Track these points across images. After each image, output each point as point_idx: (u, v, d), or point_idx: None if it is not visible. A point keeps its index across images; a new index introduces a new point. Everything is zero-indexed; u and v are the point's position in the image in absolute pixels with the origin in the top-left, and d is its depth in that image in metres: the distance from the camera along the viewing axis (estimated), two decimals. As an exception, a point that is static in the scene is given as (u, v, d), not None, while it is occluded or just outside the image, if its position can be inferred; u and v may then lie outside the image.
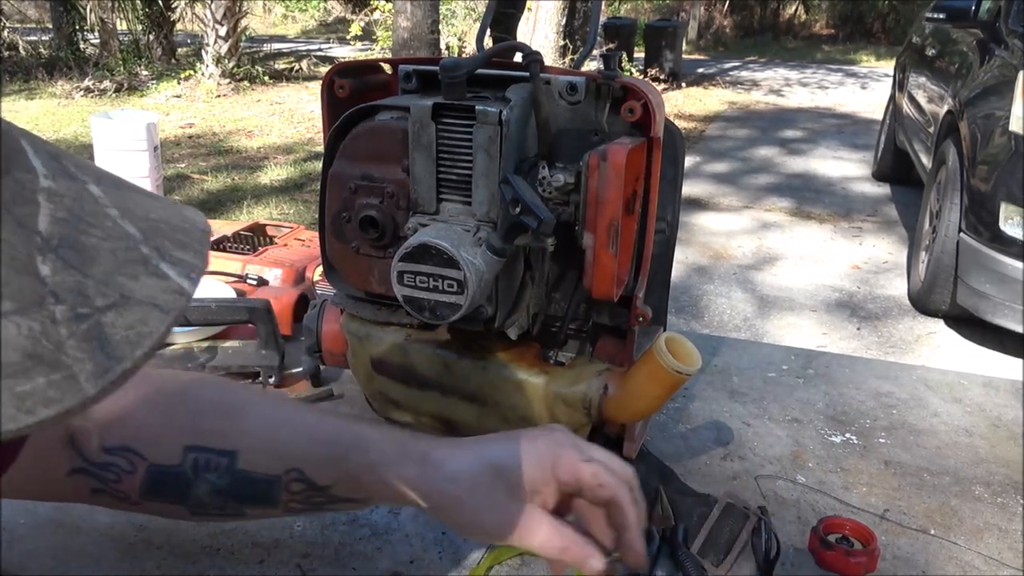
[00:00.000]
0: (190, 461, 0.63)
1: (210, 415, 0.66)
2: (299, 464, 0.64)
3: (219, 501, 0.64)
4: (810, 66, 13.34)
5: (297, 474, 0.64)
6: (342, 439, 0.65)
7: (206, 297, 1.03)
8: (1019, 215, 2.94)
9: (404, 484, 0.61)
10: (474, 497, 0.59)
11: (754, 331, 3.45)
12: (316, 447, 0.65)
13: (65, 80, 8.91)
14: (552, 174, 0.70)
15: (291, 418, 0.67)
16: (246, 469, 0.64)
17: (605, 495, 0.58)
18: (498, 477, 0.59)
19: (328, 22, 18.21)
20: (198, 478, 0.63)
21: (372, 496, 0.64)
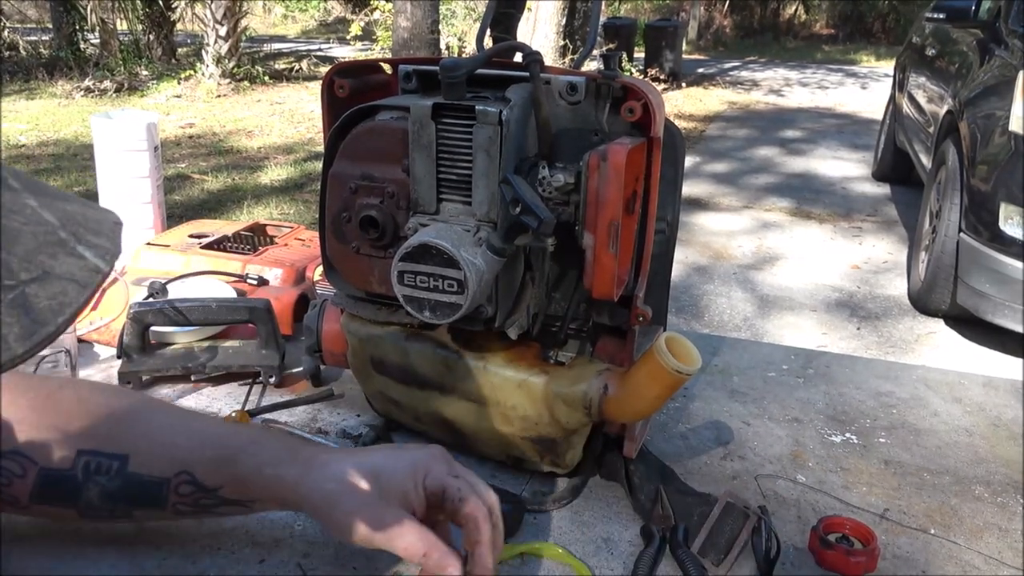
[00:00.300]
0: (81, 464, 0.65)
1: (103, 420, 0.68)
2: (189, 467, 0.66)
3: (109, 504, 0.66)
4: (810, 66, 13.34)
5: (187, 476, 0.66)
6: (232, 442, 0.68)
7: (206, 297, 1.03)
8: (1019, 215, 2.94)
9: (288, 485, 0.64)
10: (350, 498, 0.62)
11: (754, 331, 3.45)
12: (207, 450, 0.67)
13: (65, 80, 8.91)
14: (552, 174, 0.70)
15: (183, 422, 0.70)
16: (137, 472, 0.66)
17: (464, 509, 0.62)
18: (373, 481, 0.63)
19: (328, 22, 18.21)
20: (88, 481, 0.65)
21: (259, 498, 0.67)
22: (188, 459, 0.67)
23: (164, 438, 0.68)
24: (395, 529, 0.60)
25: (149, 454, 0.67)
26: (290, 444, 0.69)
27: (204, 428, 0.70)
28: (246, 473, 0.66)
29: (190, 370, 0.98)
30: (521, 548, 0.73)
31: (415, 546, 0.60)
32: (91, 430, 0.67)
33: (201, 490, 0.67)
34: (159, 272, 1.18)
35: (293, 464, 0.65)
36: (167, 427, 0.70)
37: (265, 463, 0.66)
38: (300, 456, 0.66)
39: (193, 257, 1.21)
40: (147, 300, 1.03)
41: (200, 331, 1.02)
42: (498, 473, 0.85)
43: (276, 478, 0.65)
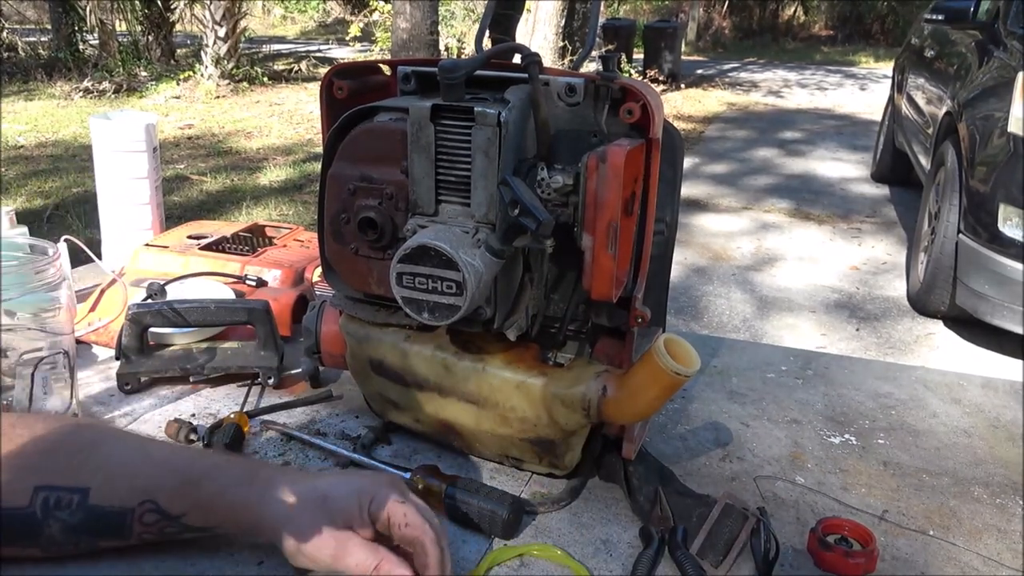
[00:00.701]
0: (40, 500, 0.64)
1: (59, 454, 0.67)
2: (152, 495, 0.66)
3: (72, 537, 0.66)
4: (809, 67, 13.35)
5: (151, 504, 0.66)
6: (195, 468, 0.68)
7: (205, 298, 1.03)
8: (1018, 216, 2.94)
9: (248, 507, 0.66)
10: (301, 520, 0.64)
11: (753, 332, 3.45)
12: (169, 477, 0.67)
13: (64, 81, 8.91)
14: (551, 175, 0.70)
15: (142, 451, 0.70)
16: (99, 504, 0.66)
17: (410, 534, 0.64)
18: (322, 504, 0.65)
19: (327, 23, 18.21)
20: (48, 517, 0.65)
21: (222, 522, 0.67)
22: (150, 487, 0.67)
23: (125, 468, 0.68)
24: (344, 548, 0.63)
25: (110, 485, 0.66)
26: (250, 467, 0.70)
27: (165, 456, 0.70)
28: (209, 497, 0.67)
29: (189, 371, 0.98)
30: (520, 549, 0.73)
31: (365, 561, 0.62)
32: (47, 465, 0.66)
33: (165, 518, 0.67)
34: (157, 273, 1.18)
35: (252, 487, 0.67)
36: (127, 457, 0.69)
37: (227, 486, 0.67)
38: (259, 478, 0.67)
39: (192, 258, 1.21)
40: (145, 301, 1.03)
41: (199, 332, 1.02)
42: (497, 474, 0.85)
43: (238, 500, 0.66)
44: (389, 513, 0.65)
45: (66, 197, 4.82)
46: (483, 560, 0.71)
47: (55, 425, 0.70)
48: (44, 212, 4.51)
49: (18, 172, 5.44)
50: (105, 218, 1.34)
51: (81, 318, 1.10)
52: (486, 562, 0.71)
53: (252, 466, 0.70)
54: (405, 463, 0.85)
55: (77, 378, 0.91)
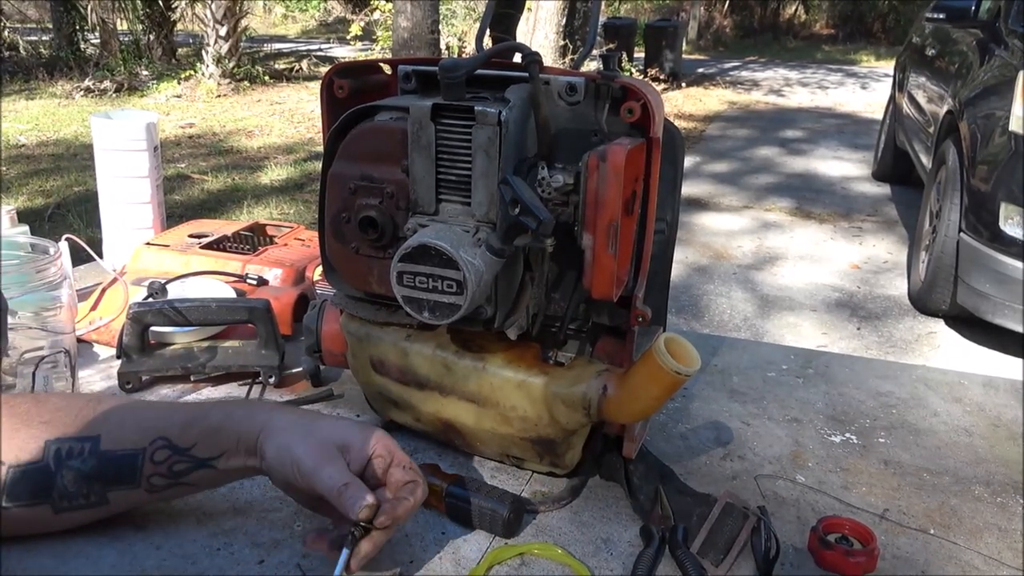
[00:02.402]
0: (52, 452, 0.67)
1: (65, 412, 0.69)
2: (162, 432, 0.69)
3: (84, 487, 0.67)
4: (810, 66, 13.34)
5: (162, 441, 0.68)
6: (202, 406, 0.72)
7: (206, 297, 1.03)
8: (1019, 215, 2.94)
9: (253, 427, 0.68)
10: (293, 431, 0.67)
11: (754, 331, 3.45)
12: (177, 414, 0.71)
13: (65, 80, 8.91)
14: (551, 174, 0.70)
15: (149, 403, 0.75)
16: (110, 448, 0.68)
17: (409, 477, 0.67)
18: (315, 419, 0.69)
19: (328, 22, 18.21)
20: (62, 468, 0.67)
21: (229, 447, 0.69)
22: (160, 426, 0.69)
23: (133, 415, 0.71)
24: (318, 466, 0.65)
25: (120, 430, 0.68)
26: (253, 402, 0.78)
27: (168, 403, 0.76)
28: (217, 423, 0.69)
29: (189, 370, 0.98)
30: (521, 548, 0.73)
31: (337, 478, 0.64)
32: (56, 421, 0.68)
33: (176, 452, 0.68)
34: (158, 272, 1.18)
35: (256, 411, 0.70)
36: (132, 408, 0.72)
37: (232, 411, 0.71)
38: (262, 407, 0.73)
39: (193, 257, 1.21)
40: (146, 300, 1.03)
41: (200, 331, 1.02)
42: (498, 474, 0.85)
43: (244, 421, 0.69)
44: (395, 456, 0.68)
45: (67, 196, 4.82)
46: (483, 559, 0.71)
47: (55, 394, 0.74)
48: (45, 211, 4.51)
49: (19, 171, 5.45)
50: (106, 217, 1.35)
51: (82, 317, 1.10)
52: (486, 561, 0.71)
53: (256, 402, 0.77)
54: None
55: (78, 377, 0.91)
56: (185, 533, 0.72)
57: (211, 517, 0.74)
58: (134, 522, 0.73)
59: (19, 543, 0.69)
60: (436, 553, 0.73)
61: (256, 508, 0.76)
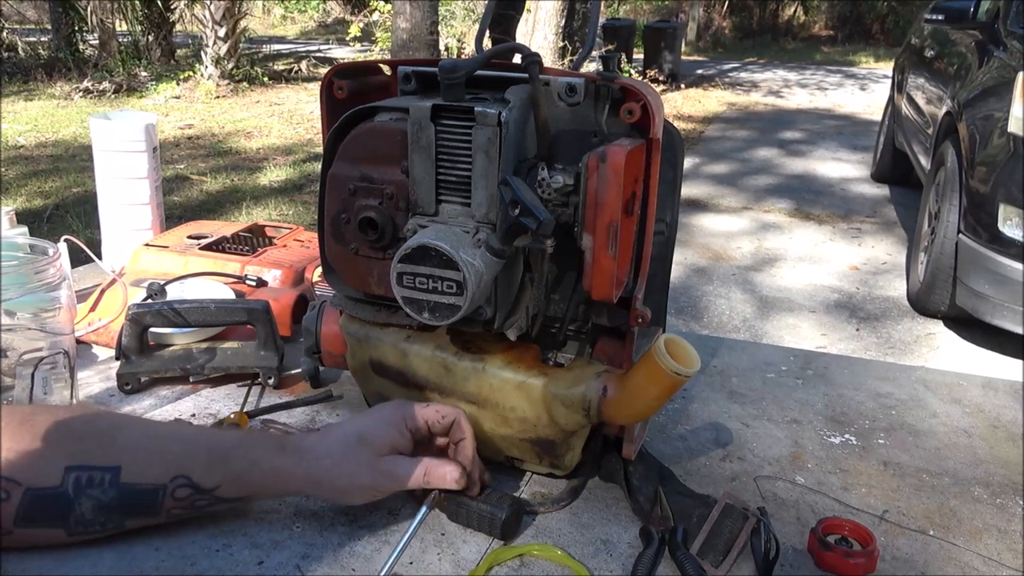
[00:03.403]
0: (72, 480, 0.66)
1: (86, 436, 0.68)
2: (185, 470, 0.68)
3: (101, 516, 0.67)
4: (809, 67, 13.35)
5: (184, 480, 0.68)
6: (223, 443, 0.71)
7: (205, 298, 1.03)
8: (1018, 216, 2.94)
9: (282, 474, 0.70)
10: (347, 464, 0.70)
11: (753, 332, 3.45)
12: (200, 452, 0.70)
13: (64, 81, 8.91)
14: (551, 175, 0.70)
15: (170, 431, 0.73)
16: (131, 481, 0.67)
17: (448, 421, 0.74)
18: (362, 443, 0.71)
19: (327, 23, 18.22)
20: (81, 496, 0.66)
21: (256, 492, 0.72)
22: (183, 463, 0.68)
23: (155, 446, 0.70)
24: (395, 472, 0.71)
25: (143, 463, 0.68)
26: (276, 438, 0.75)
27: (192, 434, 0.73)
28: (241, 470, 0.69)
29: (188, 371, 0.98)
30: (520, 549, 0.73)
31: (416, 473, 0.71)
32: (76, 447, 0.67)
33: (198, 492, 0.68)
34: (157, 273, 1.18)
35: (284, 455, 0.70)
36: (154, 436, 0.71)
37: (259, 458, 0.70)
38: (288, 446, 0.71)
39: (192, 258, 1.21)
40: (145, 301, 1.03)
41: (199, 332, 1.02)
42: (497, 474, 0.85)
43: (273, 471, 0.70)
44: (425, 418, 0.74)
45: (66, 197, 4.82)
46: (483, 560, 0.71)
47: (76, 412, 0.72)
48: (44, 212, 4.51)
49: (18, 172, 5.44)
50: (105, 218, 1.34)
51: (81, 318, 1.10)
52: (486, 562, 0.71)
53: (278, 437, 0.75)
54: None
55: (77, 378, 0.91)
56: (184, 534, 0.72)
57: (210, 518, 0.74)
58: (133, 523, 0.73)
59: (18, 544, 0.69)
60: (436, 553, 0.73)
61: (256, 508, 0.76)
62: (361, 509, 0.77)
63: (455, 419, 0.74)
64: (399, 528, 0.75)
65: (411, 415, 0.73)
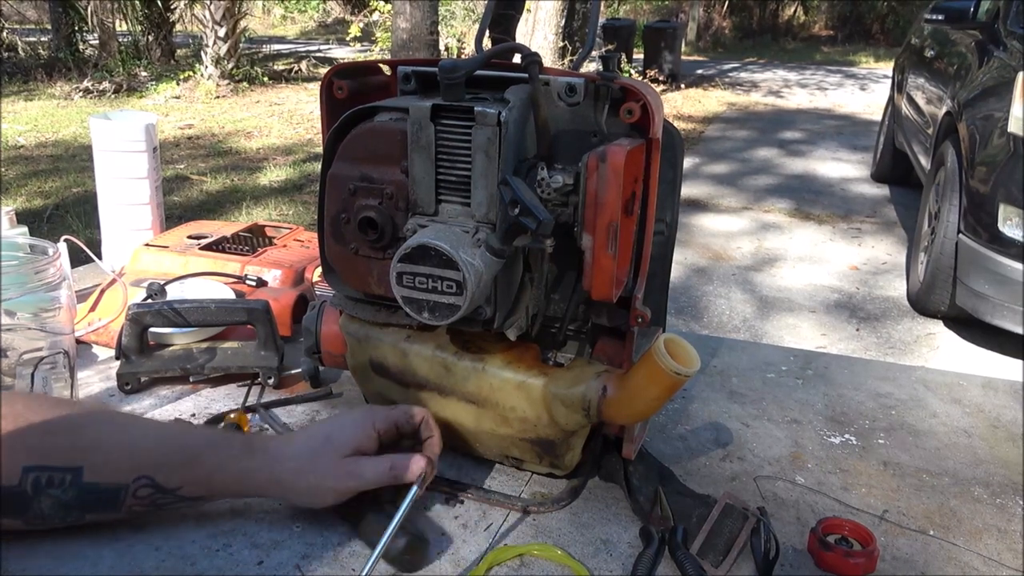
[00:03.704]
0: (31, 480, 0.66)
1: (48, 434, 0.68)
2: (148, 471, 0.68)
3: (61, 513, 0.68)
4: (809, 67, 13.35)
5: (147, 480, 0.68)
6: (190, 444, 0.71)
7: (205, 298, 1.03)
8: (1018, 216, 2.94)
9: (248, 476, 0.71)
10: (313, 466, 0.71)
11: (753, 332, 3.45)
12: (164, 453, 0.70)
13: (64, 81, 8.91)
14: (551, 175, 0.70)
15: (135, 428, 0.73)
16: (93, 481, 0.67)
17: (417, 420, 0.76)
18: (327, 444, 0.72)
19: (327, 23, 18.22)
20: (40, 495, 0.66)
21: (220, 493, 0.72)
22: (145, 463, 0.69)
23: (118, 446, 0.69)
24: (357, 470, 0.71)
25: (104, 464, 0.68)
26: (244, 440, 0.76)
27: (158, 433, 0.73)
28: (208, 472, 0.70)
29: (188, 371, 0.98)
30: (520, 549, 0.73)
31: (379, 469, 0.71)
32: (37, 445, 0.67)
33: (160, 491, 0.69)
34: (157, 273, 1.18)
35: (252, 456, 0.71)
36: (120, 435, 0.71)
37: (227, 460, 0.71)
38: (255, 447, 0.72)
39: (192, 258, 1.21)
40: (146, 301, 1.03)
41: (199, 332, 1.02)
42: (497, 474, 0.85)
43: (238, 473, 0.71)
44: (394, 419, 0.75)
45: (66, 197, 4.82)
46: (483, 560, 0.71)
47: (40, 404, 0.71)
48: (44, 212, 4.51)
49: (18, 172, 5.44)
50: (105, 218, 1.34)
51: (81, 318, 1.10)
52: (486, 562, 0.71)
53: (245, 438, 0.76)
54: (405, 463, 0.85)
55: (77, 378, 0.91)
56: (184, 534, 0.72)
57: (210, 518, 0.74)
58: (133, 523, 0.73)
59: (19, 543, 0.69)
60: (436, 553, 0.73)
61: (255, 509, 0.76)
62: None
63: (423, 418, 0.76)
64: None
65: (380, 416, 0.75)
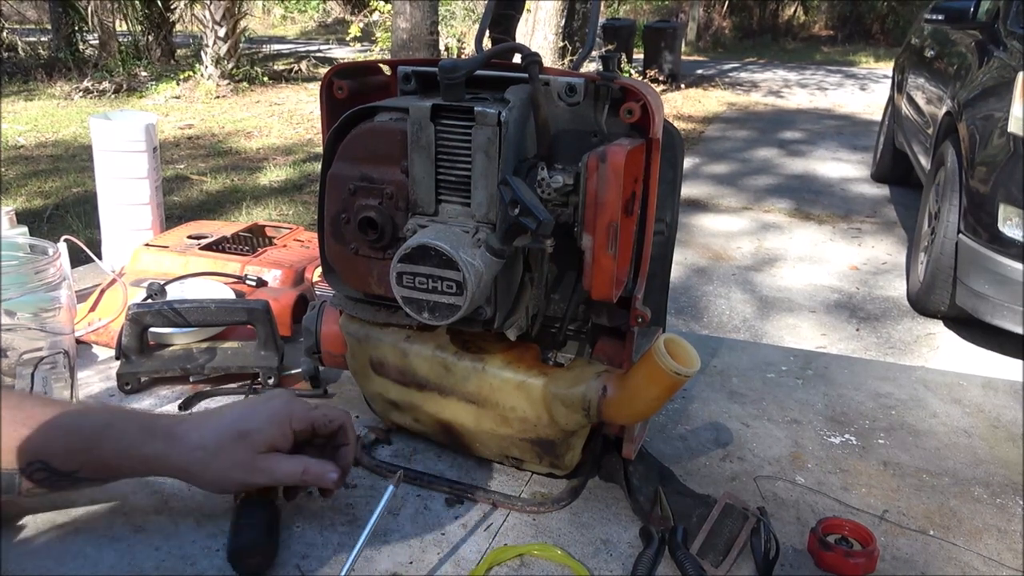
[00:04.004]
0: None
1: None
2: (42, 456, 0.68)
3: None
4: (809, 67, 13.35)
5: (40, 464, 0.68)
6: (86, 427, 0.70)
7: (205, 298, 1.03)
8: (1018, 216, 2.94)
9: (151, 461, 0.69)
10: (219, 460, 0.69)
11: (753, 332, 3.45)
12: (59, 438, 0.69)
13: (64, 81, 8.91)
14: (551, 175, 0.70)
15: (32, 413, 0.70)
16: None
17: (335, 425, 0.74)
18: (240, 438, 0.70)
19: (327, 23, 18.22)
20: None
21: (120, 475, 0.71)
22: (39, 448, 0.68)
23: (10, 431, 0.68)
24: (271, 468, 0.70)
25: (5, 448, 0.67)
26: (145, 422, 0.72)
27: (52, 416, 0.70)
28: (107, 456, 0.69)
29: (188, 371, 0.98)
30: (520, 549, 0.73)
31: (293, 469, 0.70)
32: None
33: (56, 475, 0.68)
34: (157, 273, 1.18)
35: (155, 441, 0.69)
36: (12, 420, 0.69)
37: (127, 446, 0.69)
38: (159, 431, 0.70)
39: (192, 258, 1.21)
40: (146, 301, 1.03)
41: (199, 332, 1.02)
42: (497, 474, 0.85)
43: (141, 458, 0.69)
44: (311, 421, 0.73)
45: (66, 197, 4.82)
46: (483, 560, 0.71)
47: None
48: (44, 212, 4.51)
49: (18, 172, 5.44)
50: (105, 218, 1.34)
51: (81, 318, 1.10)
52: (486, 562, 0.71)
53: (146, 421, 0.73)
54: (405, 463, 0.85)
55: (77, 378, 0.91)
56: (184, 534, 0.72)
57: (210, 518, 0.74)
58: (133, 523, 0.73)
59: (19, 544, 0.69)
60: (436, 553, 0.73)
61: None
62: (361, 509, 0.77)
63: (342, 424, 0.75)
64: (399, 528, 0.75)
65: (298, 416, 0.72)
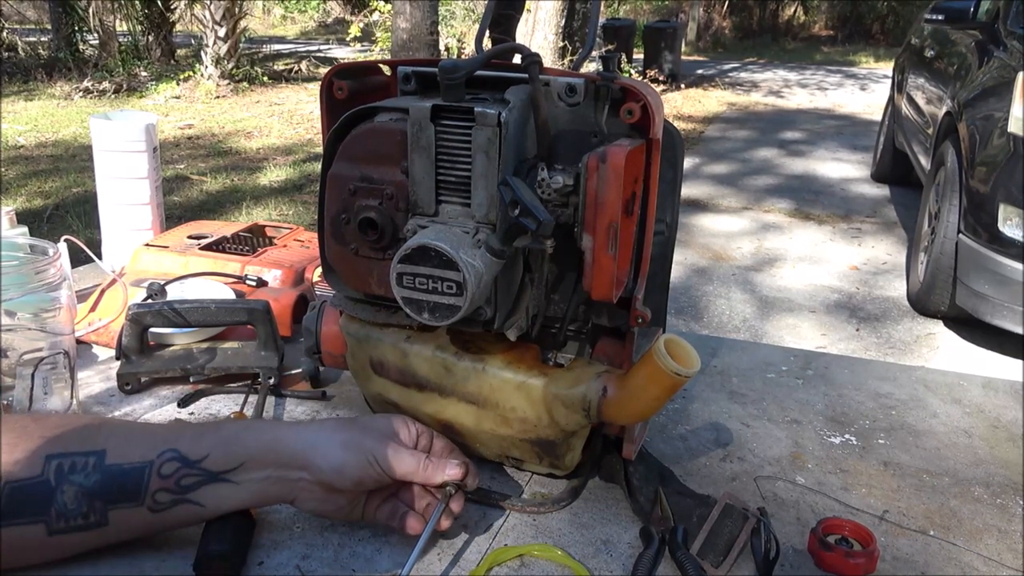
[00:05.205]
0: (53, 467, 0.63)
1: (67, 428, 0.67)
2: (172, 443, 0.66)
3: (84, 504, 0.64)
4: (809, 67, 13.35)
5: (172, 453, 0.66)
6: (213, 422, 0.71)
7: (205, 298, 1.03)
8: (1018, 216, 2.94)
9: (276, 441, 0.67)
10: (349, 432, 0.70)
11: (753, 332, 3.45)
12: (187, 426, 0.69)
13: (64, 81, 8.91)
14: (551, 176, 0.70)
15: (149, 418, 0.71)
16: (116, 462, 0.65)
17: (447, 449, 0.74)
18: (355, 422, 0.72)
19: (327, 23, 18.22)
20: (63, 483, 0.63)
21: (246, 460, 0.67)
22: (170, 437, 0.67)
23: (139, 429, 0.69)
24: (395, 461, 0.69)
25: (127, 443, 0.66)
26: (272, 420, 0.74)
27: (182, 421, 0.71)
28: (231, 435, 0.68)
29: (189, 371, 0.97)
30: (520, 549, 0.73)
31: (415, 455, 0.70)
32: (57, 437, 0.65)
33: (186, 464, 0.66)
34: (158, 273, 1.18)
35: (277, 425, 0.70)
36: (141, 423, 0.70)
37: (248, 425, 0.70)
38: (279, 421, 0.71)
39: (192, 258, 1.21)
40: (146, 301, 1.03)
41: (199, 332, 1.02)
42: (497, 475, 0.85)
43: (263, 436, 0.68)
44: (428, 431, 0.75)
45: (66, 197, 4.82)
46: (483, 560, 0.71)
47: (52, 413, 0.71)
48: (44, 212, 4.51)
49: (18, 172, 5.44)
50: (105, 218, 1.34)
51: (81, 318, 1.10)
52: (486, 562, 0.71)
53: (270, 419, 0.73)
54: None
55: (77, 378, 0.91)
56: (185, 535, 0.72)
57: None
58: (133, 523, 0.73)
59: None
60: (436, 553, 0.73)
61: (255, 509, 0.76)
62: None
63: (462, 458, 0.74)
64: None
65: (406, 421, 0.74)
